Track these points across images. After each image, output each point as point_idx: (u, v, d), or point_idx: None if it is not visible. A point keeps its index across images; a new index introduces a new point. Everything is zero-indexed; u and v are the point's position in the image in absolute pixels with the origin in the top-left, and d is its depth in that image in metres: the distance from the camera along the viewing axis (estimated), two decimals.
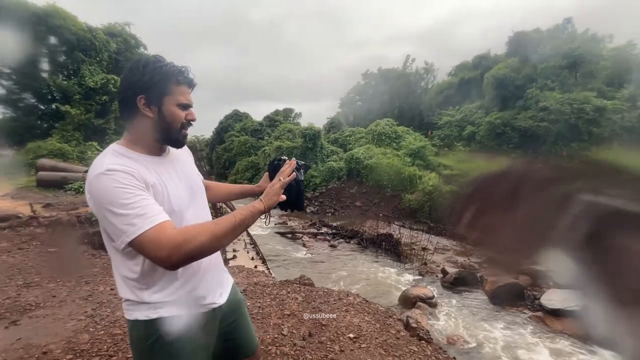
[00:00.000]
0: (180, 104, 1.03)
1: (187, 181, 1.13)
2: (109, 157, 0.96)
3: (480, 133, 23.02)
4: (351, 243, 11.78)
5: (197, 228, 0.89)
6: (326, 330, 2.49)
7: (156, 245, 0.86)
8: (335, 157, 22.48)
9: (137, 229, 0.86)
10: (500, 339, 5.28)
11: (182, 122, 1.05)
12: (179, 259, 0.86)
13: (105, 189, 0.89)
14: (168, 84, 1.01)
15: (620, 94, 20.15)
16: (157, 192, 0.98)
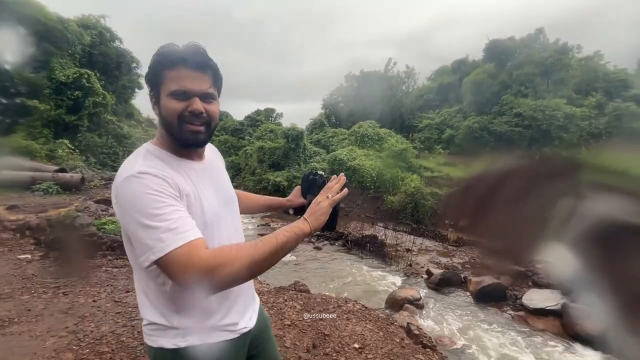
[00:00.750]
0: (172, 93, 0.84)
1: (222, 191, 1.02)
2: (142, 158, 0.85)
3: (459, 136, 23.73)
4: (336, 245, 11.75)
5: (233, 251, 0.77)
6: (330, 340, 2.42)
7: (186, 267, 0.73)
8: (318, 158, 22.45)
9: (166, 245, 0.74)
10: (485, 338, 5.41)
11: (178, 114, 0.85)
12: (210, 285, 0.74)
13: (134, 195, 0.77)
14: (160, 71, 0.84)
15: (588, 101, 21.38)
16: (190, 202, 0.87)
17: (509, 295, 6.73)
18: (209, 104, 0.89)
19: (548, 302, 5.78)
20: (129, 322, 2.83)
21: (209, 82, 0.88)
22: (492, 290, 6.73)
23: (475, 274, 7.75)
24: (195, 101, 0.86)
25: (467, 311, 6.40)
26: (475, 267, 8.89)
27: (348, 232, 12.45)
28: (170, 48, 0.85)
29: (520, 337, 5.38)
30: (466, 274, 7.91)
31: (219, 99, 0.94)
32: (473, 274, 7.79)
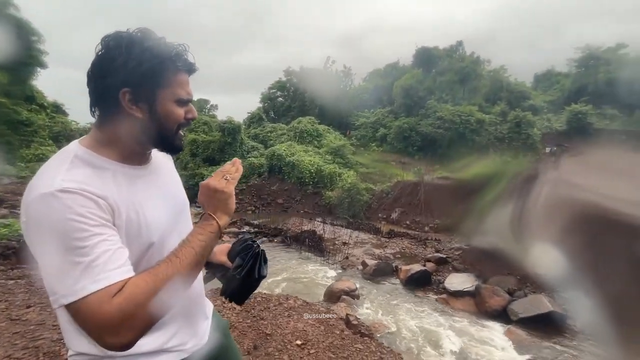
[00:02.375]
0: (179, 100, 0.77)
1: (171, 199, 0.88)
2: (67, 167, 0.69)
3: (391, 135, 25.41)
4: (274, 241, 11.67)
5: (150, 282, 0.63)
6: (272, 339, 2.38)
7: (92, 319, 0.60)
8: (256, 153, 21.92)
9: (80, 289, 0.60)
10: (413, 321, 5.92)
11: (180, 122, 0.78)
12: (121, 342, 0.61)
13: (52, 220, 0.62)
14: (163, 72, 0.74)
15: (494, 109, 24.71)
16: (130, 222, 0.73)
17: (433, 280, 7.47)
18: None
19: (465, 285, 6.56)
20: (31, 342, 2.40)
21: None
22: (419, 277, 7.38)
23: (405, 263, 8.43)
24: (192, 108, 0.80)
25: (398, 297, 6.93)
26: (405, 256, 9.65)
27: (287, 228, 12.45)
28: (179, 49, 0.75)
29: (442, 317, 6.01)
30: (397, 263, 8.54)
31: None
32: (403, 263, 8.45)
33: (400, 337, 5.39)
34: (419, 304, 6.56)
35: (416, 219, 13.35)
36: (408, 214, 13.85)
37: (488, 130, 23.22)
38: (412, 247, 10.51)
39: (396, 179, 16.78)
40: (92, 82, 0.74)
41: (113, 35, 0.73)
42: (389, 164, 21.90)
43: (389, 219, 14.21)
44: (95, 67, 0.73)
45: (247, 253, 1.08)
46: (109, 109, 0.74)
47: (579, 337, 5.27)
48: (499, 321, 5.78)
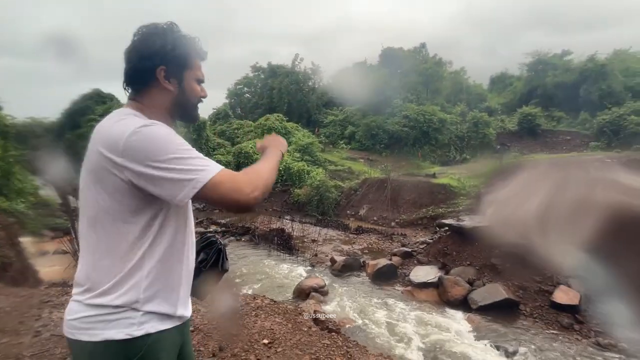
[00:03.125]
0: (198, 80, 0.99)
1: None
2: (135, 117, 0.87)
3: (359, 133, 25.84)
4: (242, 240, 11.42)
5: (253, 170, 0.91)
6: (238, 340, 2.31)
7: (235, 184, 0.81)
8: (223, 151, 21.31)
9: (210, 170, 0.80)
10: (379, 314, 6.07)
11: (199, 97, 1.01)
12: (256, 197, 0.83)
13: (156, 138, 0.80)
14: (190, 57, 0.96)
15: (455, 109, 25.97)
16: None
17: (399, 273, 7.70)
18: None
19: (428, 276, 6.83)
20: None
21: None
22: (385, 271, 7.58)
23: (373, 258, 8.61)
24: (204, 88, 1.02)
25: (366, 292, 7.07)
26: (372, 251, 9.87)
27: (255, 226, 12.23)
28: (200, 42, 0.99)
29: (407, 309, 6.22)
30: (365, 259, 8.71)
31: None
32: (371, 258, 8.64)
33: (367, 330, 5.50)
34: (386, 297, 6.74)
35: (383, 215, 13.70)
36: (375, 210, 14.17)
37: (449, 129, 24.38)
38: (379, 242, 10.77)
39: (364, 176, 17.09)
40: (132, 61, 0.91)
41: (151, 25, 0.93)
42: (357, 161, 22.26)
43: (357, 215, 14.45)
44: (135, 49, 0.91)
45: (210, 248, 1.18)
46: (146, 83, 0.92)
47: (528, 321, 5.70)
48: (460, 310, 6.09)
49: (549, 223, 6.52)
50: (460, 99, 27.77)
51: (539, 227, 6.51)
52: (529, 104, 25.60)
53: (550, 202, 7.08)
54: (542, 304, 5.87)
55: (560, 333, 5.30)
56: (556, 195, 7.29)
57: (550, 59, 28.31)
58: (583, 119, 23.27)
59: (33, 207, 9.37)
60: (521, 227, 6.52)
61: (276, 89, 30.12)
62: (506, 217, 7.32)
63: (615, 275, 5.21)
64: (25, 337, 2.49)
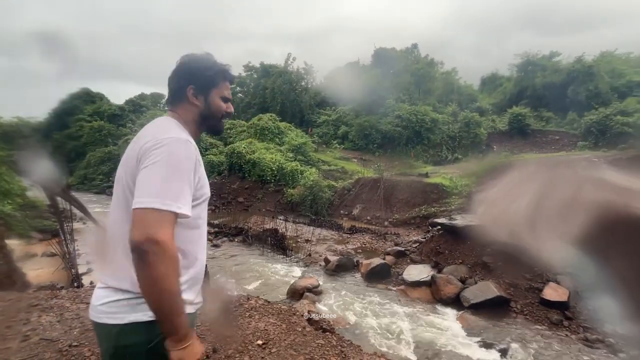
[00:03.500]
0: (223, 97, 1.17)
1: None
2: (181, 129, 1.07)
3: (352, 133, 25.91)
4: (235, 241, 11.35)
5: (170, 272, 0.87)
6: (232, 341, 2.29)
7: (161, 230, 0.86)
8: (215, 151, 21.15)
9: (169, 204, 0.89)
10: (373, 313, 6.09)
11: (223, 113, 1.18)
12: (147, 256, 0.84)
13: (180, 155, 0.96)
14: (217, 78, 1.15)
15: (447, 110, 26.22)
16: (202, 174, 1.07)
17: (392, 272, 7.74)
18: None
19: (421, 275, 6.88)
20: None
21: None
22: (379, 270, 7.60)
23: (366, 258, 8.64)
24: (231, 105, 1.22)
25: (359, 291, 7.08)
26: (366, 251, 9.90)
27: (248, 227, 12.17)
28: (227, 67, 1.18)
29: (400, 307, 6.26)
30: (358, 258, 8.73)
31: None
32: (364, 258, 8.67)
33: (360, 329, 5.52)
34: (379, 296, 6.76)
35: (376, 214, 13.77)
36: (369, 209, 14.23)
37: (441, 129, 24.61)
38: (373, 241, 10.81)
39: (357, 176, 17.15)
40: (171, 82, 1.15)
41: (190, 54, 1.15)
42: (350, 161, 22.32)
43: (350, 215, 14.49)
44: (175, 72, 1.14)
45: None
46: (180, 99, 1.14)
47: (519, 318, 5.78)
48: (452, 308, 6.15)
49: (539, 221, 6.63)
50: (452, 99, 28.05)
51: (529, 225, 6.61)
52: (518, 104, 26.00)
53: (540, 200, 7.20)
54: (533, 301, 5.97)
55: (550, 329, 5.39)
56: (545, 193, 7.42)
57: (539, 60, 28.79)
58: (571, 119, 23.73)
59: (20, 208, 9.15)
60: (512, 226, 6.62)
61: (269, 89, 30.01)
62: (497, 216, 7.42)
63: (603, 271, 5.33)
64: (13, 341, 2.43)
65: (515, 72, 30.29)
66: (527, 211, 6.99)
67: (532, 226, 6.58)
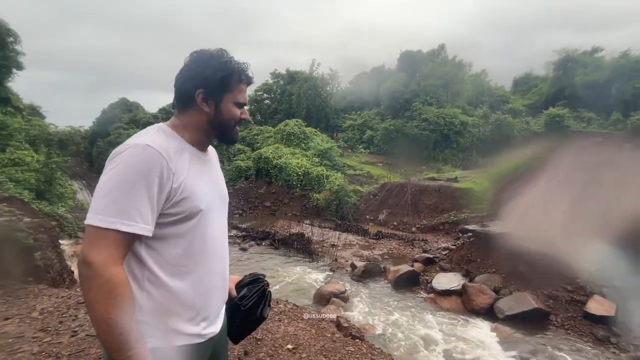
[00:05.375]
0: (237, 102, 1.01)
1: (217, 187, 1.08)
2: (153, 133, 0.92)
3: (378, 137, 25.67)
4: (263, 245, 11.54)
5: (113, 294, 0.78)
6: (262, 345, 2.34)
7: (94, 250, 0.78)
8: (243, 156, 21.71)
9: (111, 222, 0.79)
10: (402, 321, 5.96)
11: (236, 119, 1.02)
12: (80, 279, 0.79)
13: (130, 162, 0.83)
14: (230, 81, 0.98)
15: (477, 112, 25.32)
16: (185, 186, 0.91)
17: (421, 280, 7.54)
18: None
19: (452, 284, 6.65)
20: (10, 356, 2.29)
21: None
22: (407, 277, 7.44)
23: (393, 264, 8.49)
24: (245, 111, 1.05)
25: (387, 298, 6.96)
26: (393, 257, 9.73)
27: (275, 231, 12.35)
28: (245, 67, 1.01)
29: (430, 317, 6.08)
30: (386, 264, 8.59)
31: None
32: (392, 264, 8.52)
33: (390, 337, 5.42)
34: (408, 304, 6.61)
35: (403, 219, 13.50)
36: (395, 215, 13.99)
37: (471, 132, 23.78)
38: (400, 247, 10.60)
39: (383, 181, 16.93)
40: (177, 84, 0.99)
41: (199, 51, 0.99)
42: (375, 165, 22.10)
43: (376, 220, 14.31)
44: (181, 73, 0.98)
45: (255, 286, 1.16)
46: (186, 105, 0.98)
47: (560, 333, 5.43)
48: (486, 319, 5.89)
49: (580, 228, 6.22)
50: (482, 101, 27.06)
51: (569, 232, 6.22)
52: (555, 105, 24.58)
53: (581, 205, 6.76)
54: (575, 315, 5.59)
55: (596, 346, 5.01)
56: (587, 198, 6.95)
57: (580, 56, 27.09)
58: (615, 120, 22.07)
59: (71, 210, 9.93)
60: (550, 233, 6.25)
61: (295, 95, 30.46)
62: (533, 222, 7.04)
63: None
64: (64, 336, 2.63)
65: (552, 70, 28.69)
66: (566, 217, 6.58)
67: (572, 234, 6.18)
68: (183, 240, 0.92)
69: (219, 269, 1.03)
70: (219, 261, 1.04)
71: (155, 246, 0.89)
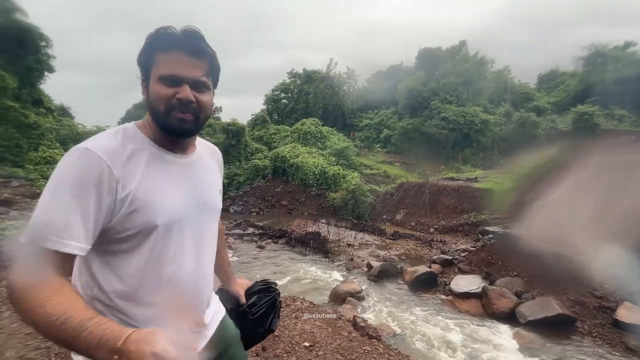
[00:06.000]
0: (161, 77, 0.77)
1: (197, 193, 0.88)
2: (106, 135, 0.80)
3: (395, 136, 25.37)
4: (279, 243, 11.65)
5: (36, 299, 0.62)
6: (279, 341, 2.37)
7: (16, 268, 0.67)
8: (260, 155, 21.97)
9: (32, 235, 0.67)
10: (419, 323, 5.87)
11: (166, 101, 0.77)
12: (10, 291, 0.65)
13: (63, 171, 0.71)
14: (152, 53, 0.78)
15: (499, 110, 24.56)
16: (135, 197, 0.75)
17: (439, 282, 7.40)
18: (201, 93, 0.81)
19: (471, 286, 6.49)
20: (43, 343, 2.42)
21: (204, 69, 0.81)
22: (425, 279, 7.32)
23: (411, 265, 8.37)
24: (184, 89, 0.78)
25: (404, 299, 6.88)
26: (410, 258, 9.60)
27: (291, 229, 12.45)
28: (167, 31, 0.78)
29: (448, 319, 5.96)
30: (402, 265, 8.49)
31: (213, 89, 0.86)
32: (409, 265, 8.40)
33: (407, 338, 5.35)
34: (426, 306, 6.51)
35: (421, 220, 13.29)
36: (413, 215, 13.79)
37: (493, 130, 23.10)
38: (418, 248, 10.44)
39: (400, 180, 16.72)
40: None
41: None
42: (393, 165, 21.85)
43: (393, 220, 14.15)
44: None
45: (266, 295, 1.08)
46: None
47: (587, 341, 5.20)
48: (506, 323, 5.71)
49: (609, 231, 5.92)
50: (505, 99, 26.23)
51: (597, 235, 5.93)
52: (584, 102, 23.47)
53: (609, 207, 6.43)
54: (604, 322, 5.33)
55: (626, 356, 4.77)
56: (617, 200, 6.60)
57: (611, 51, 25.72)
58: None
59: None
60: (576, 236, 5.99)
61: (312, 94, 30.55)
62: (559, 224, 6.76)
63: None
64: None
65: (582, 66, 27.39)
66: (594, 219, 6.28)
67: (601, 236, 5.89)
68: (137, 262, 0.77)
69: (188, 301, 0.84)
70: (191, 291, 0.85)
71: (111, 262, 0.77)
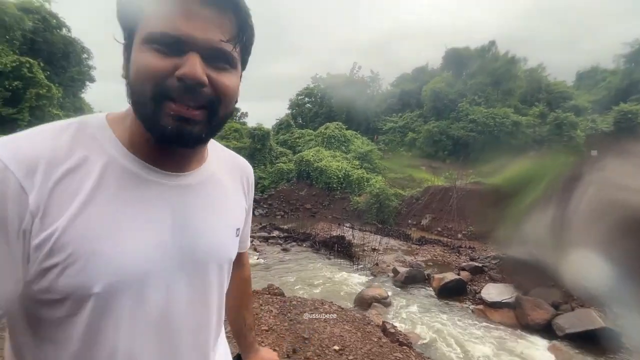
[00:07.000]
0: (151, 38, 0.44)
1: (186, 235, 0.54)
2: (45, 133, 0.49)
3: (420, 140, 24.88)
4: (303, 246, 11.73)
5: None
6: (310, 344, 2.41)
7: None
8: (285, 159, 22.30)
9: None
10: (449, 332, 5.70)
11: (156, 81, 0.45)
12: None
13: None
14: (131, 13, 0.47)
15: (532, 111, 23.46)
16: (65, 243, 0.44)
17: (469, 290, 7.16)
18: (219, 72, 0.47)
19: (503, 296, 6.23)
20: None
21: (229, 31, 0.47)
22: (453, 286, 7.11)
23: (438, 271, 8.16)
24: (191, 59, 0.44)
25: (432, 306, 6.71)
26: (437, 264, 9.35)
27: (316, 233, 12.51)
28: None
29: (479, 329, 5.74)
30: (429, 271, 8.29)
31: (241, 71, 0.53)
32: (436, 271, 8.19)
33: (436, 347, 5.21)
34: (454, 314, 6.31)
35: (448, 225, 12.92)
36: (439, 220, 13.44)
37: (525, 132, 22.10)
38: (445, 254, 10.16)
39: (426, 184, 16.37)
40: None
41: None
42: (418, 168, 21.42)
43: (419, 225, 13.86)
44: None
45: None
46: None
47: (634, 358, 4.83)
48: (541, 336, 5.42)
49: None
50: (539, 98, 25.00)
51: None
52: (627, 101, 21.92)
53: None
54: None
55: None
56: None
57: None
58: None
59: None
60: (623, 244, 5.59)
61: (335, 98, 30.67)
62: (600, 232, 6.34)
63: None
64: None
65: (623, 63, 25.68)
66: None
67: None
68: (69, 342, 0.47)
69: None
70: None
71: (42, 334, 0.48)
